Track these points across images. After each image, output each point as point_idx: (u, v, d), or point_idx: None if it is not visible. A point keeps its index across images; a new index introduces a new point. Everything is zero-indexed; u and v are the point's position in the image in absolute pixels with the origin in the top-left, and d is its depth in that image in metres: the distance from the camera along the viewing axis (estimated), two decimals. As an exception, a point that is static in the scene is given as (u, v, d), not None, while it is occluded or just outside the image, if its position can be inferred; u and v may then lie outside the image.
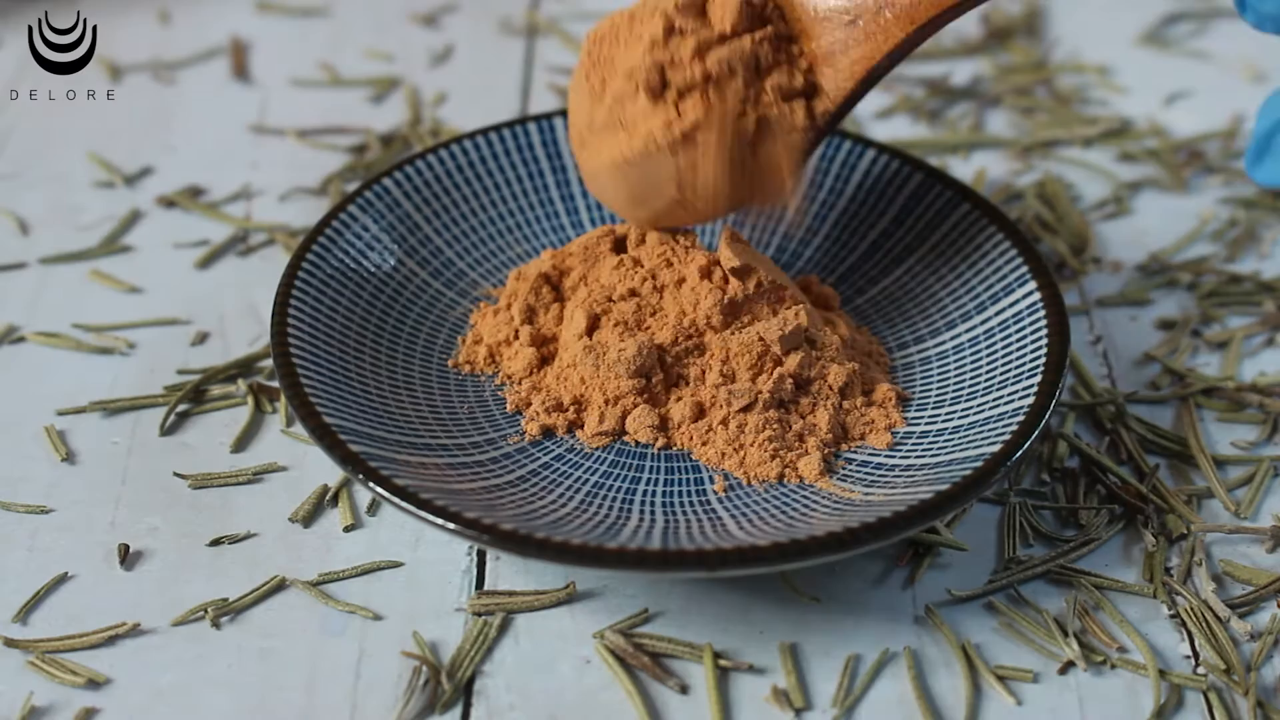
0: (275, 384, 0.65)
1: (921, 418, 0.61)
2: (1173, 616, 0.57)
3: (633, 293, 0.61)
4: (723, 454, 0.59)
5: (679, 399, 0.60)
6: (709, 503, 0.58)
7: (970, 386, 0.62)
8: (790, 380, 0.60)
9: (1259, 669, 0.55)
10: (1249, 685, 0.54)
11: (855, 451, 0.60)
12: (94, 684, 0.54)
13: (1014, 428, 0.57)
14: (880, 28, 0.59)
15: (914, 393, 0.62)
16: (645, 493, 0.59)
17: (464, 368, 0.64)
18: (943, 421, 0.60)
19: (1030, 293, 0.63)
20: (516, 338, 0.64)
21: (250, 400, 0.64)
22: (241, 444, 0.63)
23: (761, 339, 0.60)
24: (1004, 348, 0.62)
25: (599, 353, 0.60)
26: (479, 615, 0.56)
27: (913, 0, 0.58)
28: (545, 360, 0.63)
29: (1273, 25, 0.54)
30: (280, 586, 0.57)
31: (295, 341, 0.60)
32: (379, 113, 0.82)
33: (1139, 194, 0.77)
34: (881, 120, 0.82)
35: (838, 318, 0.64)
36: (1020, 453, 0.56)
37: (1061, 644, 0.55)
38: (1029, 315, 0.62)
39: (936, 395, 0.62)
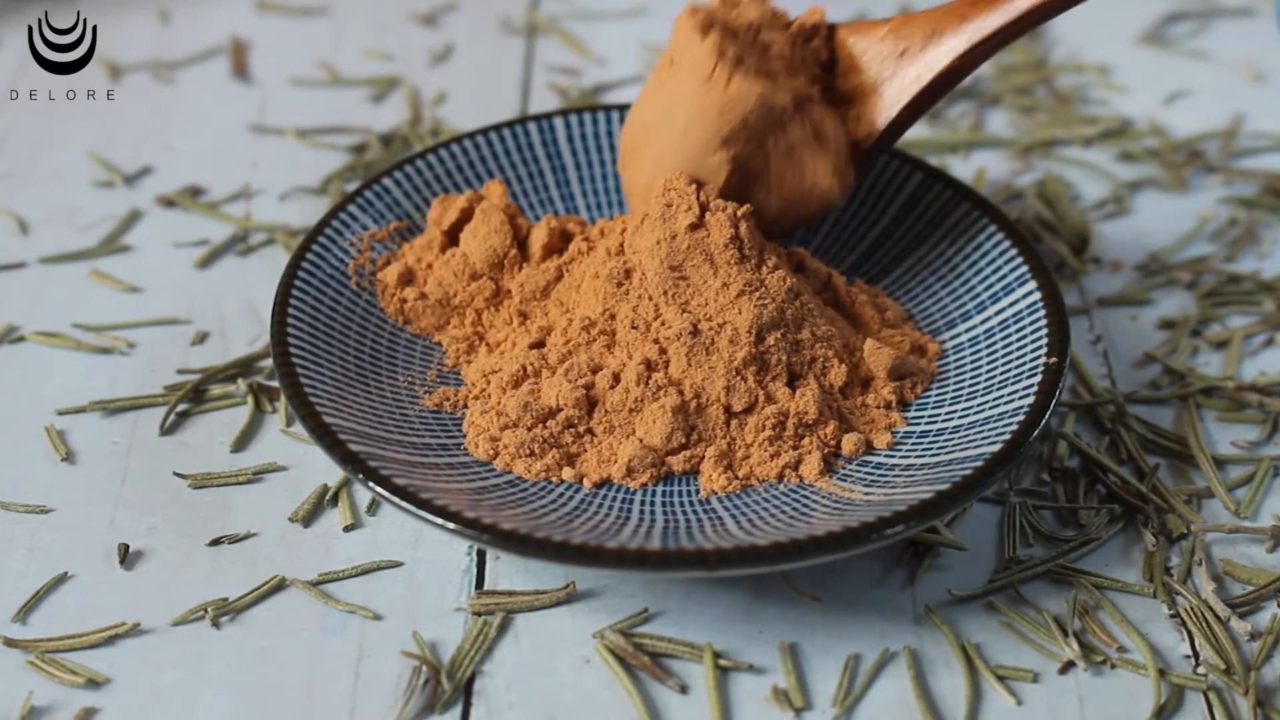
0: (275, 384, 0.65)
1: (921, 418, 0.61)
2: (1173, 616, 0.57)
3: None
4: (723, 455, 0.59)
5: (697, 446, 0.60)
6: (709, 502, 0.58)
7: (970, 386, 0.62)
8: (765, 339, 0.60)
9: (1259, 669, 0.55)
10: (1249, 685, 0.54)
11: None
12: (94, 684, 0.54)
13: (1014, 428, 0.57)
14: (927, 56, 0.60)
15: (914, 392, 0.62)
16: (645, 492, 0.59)
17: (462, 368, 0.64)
18: (943, 421, 0.60)
19: (1030, 293, 0.63)
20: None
21: (250, 400, 0.64)
22: (241, 444, 0.63)
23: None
24: (1004, 348, 0.62)
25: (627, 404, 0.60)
26: (479, 615, 0.56)
27: (959, 29, 0.60)
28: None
29: None
30: (280, 586, 0.57)
31: (295, 341, 0.60)
32: (379, 112, 0.82)
33: (1139, 194, 0.77)
34: (881, 120, 0.82)
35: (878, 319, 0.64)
36: (1020, 453, 0.56)
37: (1061, 644, 0.55)
38: (1029, 315, 0.62)
39: (936, 395, 0.62)
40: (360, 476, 0.55)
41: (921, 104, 0.62)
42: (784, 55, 0.62)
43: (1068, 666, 0.55)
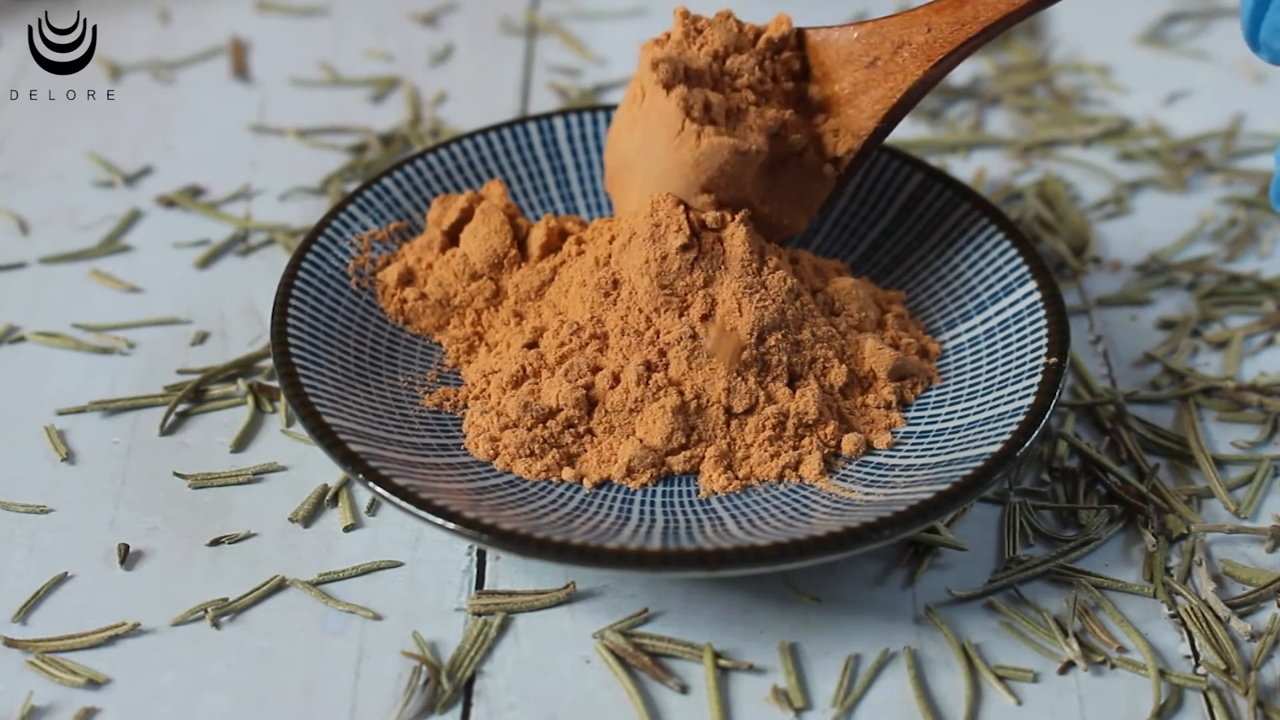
0: (275, 384, 0.65)
1: (921, 418, 0.61)
2: (1173, 616, 0.57)
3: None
4: (723, 455, 0.59)
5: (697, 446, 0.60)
6: (709, 502, 0.58)
7: (970, 387, 0.62)
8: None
9: (1259, 669, 0.55)
10: (1249, 685, 0.54)
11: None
12: (94, 684, 0.54)
13: (1014, 428, 0.57)
14: (899, 66, 0.60)
15: (914, 392, 0.62)
16: (645, 493, 0.59)
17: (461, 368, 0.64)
18: (943, 421, 0.60)
19: (1030, 293, 0.63)
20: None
21: (250, 400, 0.64)
22: (241, 444, 0.63)
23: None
24: (1004, 348, 0.62)
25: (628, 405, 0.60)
26: (479, 615, 0.56)
27: (928, 39, 0.60)
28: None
29: None
30: (280, 586, 0.57)
31: (295, 341, 0.60)
32: (379, 113, 0.82)
33: (1139, 194, 0.77)
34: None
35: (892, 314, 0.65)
36: (1020, 453, 0.56)
37: (1061, 644, 0.55)
38: (1029, 315, 0.62)
39: (936, 395, 0.62)
40: (360, 476, 0.55)
41: (897, 115, 0.62)
42: (754, 81, 0.62)
43: (1068, 666, 0.55)
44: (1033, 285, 0.63)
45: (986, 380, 0.61)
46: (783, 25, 0.63)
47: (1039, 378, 0.59)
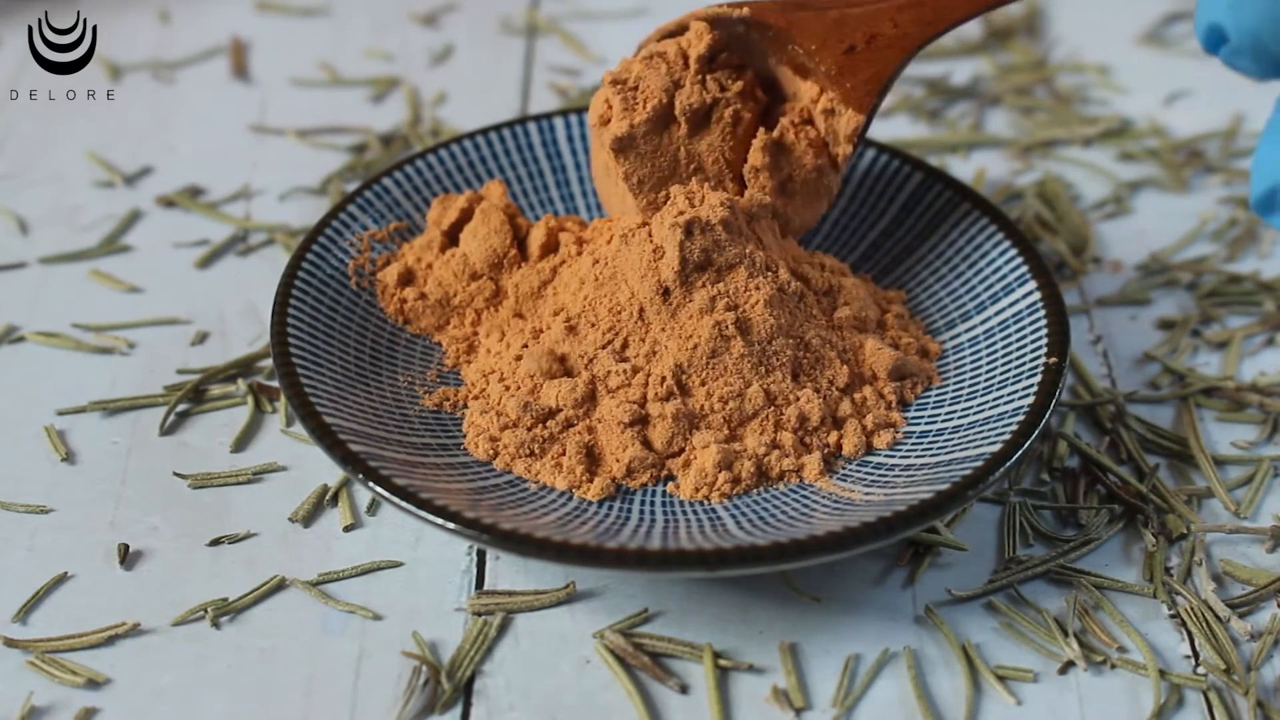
0: (275, 384, 0.65)
1: (921, 418, 0.61)
2: (1173, 616, 0.57)
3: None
4: (724, 455, 0.59)
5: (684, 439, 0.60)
6: (709, 502, 0.58)
7: (970, 386, 0.62)
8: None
9: (1259, 669, 0.55)
10: (1249, 685, 0.54)
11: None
12: (94, 684, 0.54)
13: (1014, 428, 0.57)
14: (877, 54, 0.61)
15: (914, 392, 0.62)
16: (645, 492, 0.59)
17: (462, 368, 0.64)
18: (943, 421, 0.60)
19: (1030, 292, 0.63)
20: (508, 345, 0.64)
21: (250, 400, 0.64)
22: (241, 444, 0.63)
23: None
24: (1004, 348, 0.62)
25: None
26: (479, 615, 0.56)
27: (897, 33, 0.61)
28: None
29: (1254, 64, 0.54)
30: (280, 586, 0.57)
31: (295, 341, 0.60)
32: (379, 113, 0.82)
33: (1139, 194, 0.77)
34: (881, 120, 0.82)
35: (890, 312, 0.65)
36: (1020, 453, 0.56)
37: (1061, 644, 0.55)
38: (1029, 315, 0.62)
39: (936, 395, 0.62)
40: (360, 476, 0.55)
41: (883, 95, 0.62)
42: (704, 107, 0.62)
43: (1068, 666, 0.55)
44: (1033, 285, 0.63)
45: (986, 380, 0.61)
46: (704, 37, 0.62)
47: (1039, 378, 0.59)
